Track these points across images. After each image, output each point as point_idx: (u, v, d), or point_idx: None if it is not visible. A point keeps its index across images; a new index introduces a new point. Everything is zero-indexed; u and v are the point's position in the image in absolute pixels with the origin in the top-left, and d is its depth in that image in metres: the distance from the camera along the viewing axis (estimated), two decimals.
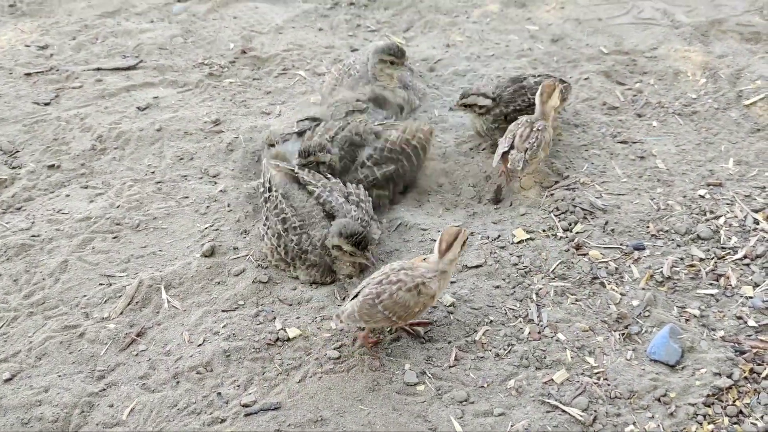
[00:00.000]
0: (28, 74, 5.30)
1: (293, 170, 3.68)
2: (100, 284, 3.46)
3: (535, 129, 3.76)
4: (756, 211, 3.52)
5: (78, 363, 3.06)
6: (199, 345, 3.07)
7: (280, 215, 3.44)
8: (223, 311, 3.25)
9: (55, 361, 3.07)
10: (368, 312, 2.82)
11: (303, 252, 3.36)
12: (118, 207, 3.95)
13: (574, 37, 5.47)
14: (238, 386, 2.89)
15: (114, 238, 3.76)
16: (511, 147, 3.74)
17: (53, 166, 4.33)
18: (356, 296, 2.90)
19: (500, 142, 3.83)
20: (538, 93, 3.85)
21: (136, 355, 3.09)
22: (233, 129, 4.57)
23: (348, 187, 3.63)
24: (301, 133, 4.05)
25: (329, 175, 3.70)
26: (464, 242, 2.94)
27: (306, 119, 4.23)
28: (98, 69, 5.37)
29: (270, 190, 3.58)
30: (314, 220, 3.44)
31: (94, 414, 2.84)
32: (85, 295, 3.40)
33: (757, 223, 3.45)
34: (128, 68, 5.37)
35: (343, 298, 3.26)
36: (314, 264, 3.37)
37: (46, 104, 4.96)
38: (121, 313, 3.29)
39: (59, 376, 3.00)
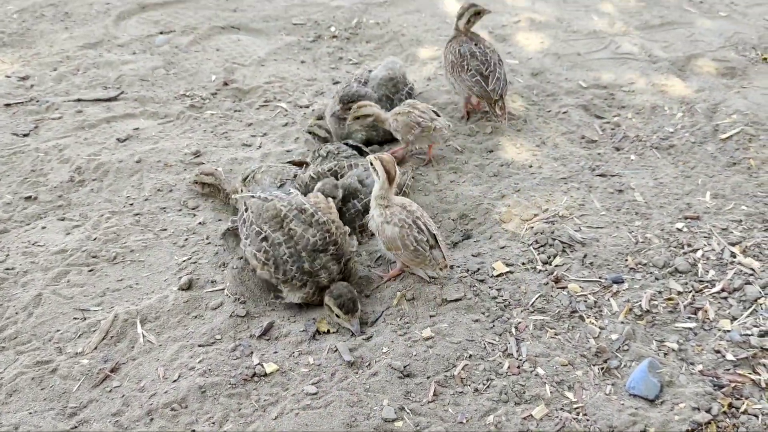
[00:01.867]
0: (8, 105, 5.27)
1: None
2: (75, 318, 3.40)
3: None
4: (733, 245, 3.55)
5: (49, 399, 2.99)
6: (174, 381, 3.02)
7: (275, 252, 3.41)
8: (199, 346, 3.20)
9: (26, 398, 3.00)
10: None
11: (305, 273, 3.35)
12: (94, 239, 3.91)
13: (554, 71, 5.55)
14: (214, 423, 2.83)
15: (90, 271, 3.71)
16: None
17: (30, 197, 4.29)
18: (431, 246, 3.31)
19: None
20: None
21: (110, 391, 3.02)
22: (214, 161, 4.56)
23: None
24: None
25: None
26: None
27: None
28: (79, 100, 5.35)
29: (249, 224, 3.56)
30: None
31: None
32: (58, 330, 3.34)
33: (734, 257, 3.48)
34: (109, 99, 5.37)
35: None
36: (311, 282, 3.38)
37: (25, 135, 4.93)
38: (95, 348, 3.23)
39: (30, 413, 2.93)
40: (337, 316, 3.25)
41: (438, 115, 4.40)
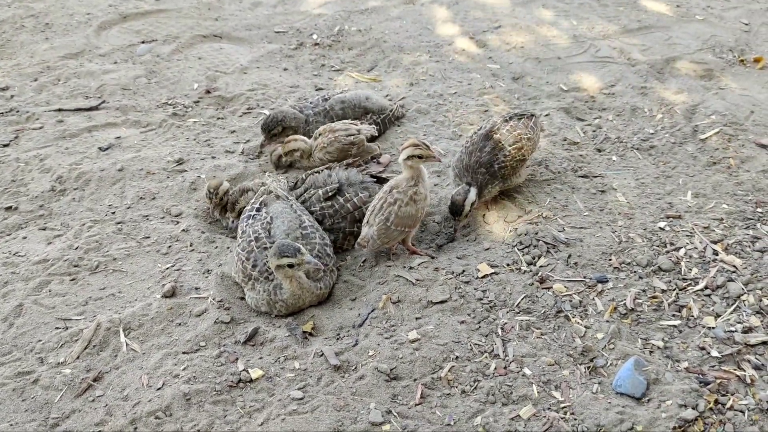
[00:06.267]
0: None
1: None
2: (57, 328, 3.36)
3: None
4: (715, 243, 3.58)
5: (31, 411, 2.95)
6: (158, 389, 2.98)
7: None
8: (183, 353, 3.17)
9: (6, 410, 2.95)
10: (385, 233, 3.52)
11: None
12: (76, 248, 3.86)
13: (535, 75, 5.59)
14: (199, 431, 2.80)
15: (72, 280, 3.67)
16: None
17: (10, 207, 4.24)
18: (368, 222, 3.55)
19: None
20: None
21: (93, 401, 2.98)
22: (196, 168, 4.54)
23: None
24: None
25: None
26: (419, 149, 3.51)
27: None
28: (60, 110, 5.31)
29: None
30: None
31: None
32: (40, 340, 3.29)
33: (717, 254, 3.50)
34: (90, 109, 5.33)
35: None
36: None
37: (5, 146, 4.88)
38: (78, 358, 3.18)
39: (11, 425, 2.88)
40: (290, 266, 3.24)
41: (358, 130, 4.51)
